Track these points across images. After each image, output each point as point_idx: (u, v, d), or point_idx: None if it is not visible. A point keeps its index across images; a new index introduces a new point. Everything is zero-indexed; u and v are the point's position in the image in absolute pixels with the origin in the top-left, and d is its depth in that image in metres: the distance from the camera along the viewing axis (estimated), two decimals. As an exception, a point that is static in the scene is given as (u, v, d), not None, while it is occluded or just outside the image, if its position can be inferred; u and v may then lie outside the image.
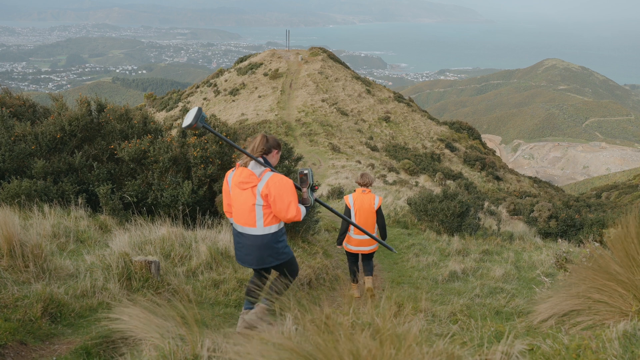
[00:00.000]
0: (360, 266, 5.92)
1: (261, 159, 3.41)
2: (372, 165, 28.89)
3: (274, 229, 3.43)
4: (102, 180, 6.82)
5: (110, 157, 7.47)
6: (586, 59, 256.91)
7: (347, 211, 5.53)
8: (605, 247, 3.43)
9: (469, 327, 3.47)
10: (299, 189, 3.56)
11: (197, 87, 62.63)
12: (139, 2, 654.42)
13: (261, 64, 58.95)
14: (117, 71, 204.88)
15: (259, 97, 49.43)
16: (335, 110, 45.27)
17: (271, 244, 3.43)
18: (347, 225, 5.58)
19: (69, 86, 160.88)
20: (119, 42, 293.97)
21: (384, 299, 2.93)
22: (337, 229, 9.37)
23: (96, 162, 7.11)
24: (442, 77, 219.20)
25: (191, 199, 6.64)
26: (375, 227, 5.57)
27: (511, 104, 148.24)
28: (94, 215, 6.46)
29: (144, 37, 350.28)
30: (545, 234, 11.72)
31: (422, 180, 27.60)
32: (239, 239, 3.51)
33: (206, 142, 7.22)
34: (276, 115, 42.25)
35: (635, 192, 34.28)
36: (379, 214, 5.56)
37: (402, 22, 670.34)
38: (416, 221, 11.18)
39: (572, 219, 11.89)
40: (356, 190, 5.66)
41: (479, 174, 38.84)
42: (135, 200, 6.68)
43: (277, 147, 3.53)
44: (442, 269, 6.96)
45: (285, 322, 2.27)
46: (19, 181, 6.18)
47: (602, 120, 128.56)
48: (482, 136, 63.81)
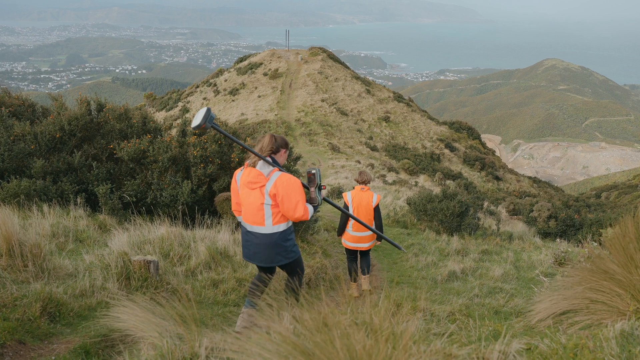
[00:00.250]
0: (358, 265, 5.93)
1: (269, 159, 3.46)
2: (371, 165, 28.88)
3: (282, 227, 3.49)
4: (102, 180, 6.82)
5: (109, 157, 7.47)
6: (586, 59, 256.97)
7: (345, 208, 5.55)
8: (603, 247, 3.44)
9: (467, 327, 3.48)
10: (306, 188, 3.61)
11: (197, 87, 62.59)
12: (139, 2, 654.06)
13: (261, 63, 58.91)
14: (117, 71, 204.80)
15: (259, 97, 49.41)
16: (334, 110, 45.25)
17: (280, 242, 3.49)
18: (346, 218, 5.59)
19: (68, 86, 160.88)
20: (118, 42, 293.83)
21: (382, 299, 2.94)
22: (336, 229, 9.38)
23: (95, 162, 7.11)
24: (441, 77, 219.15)
25: (190, 198, 6.65)
26: (373, 225, 5.57)
27: (511, 104, 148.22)
28: (93, 214, 6.46)
29: (143, 37, 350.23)
30: (544, 234, 11.74)
31: (422, 180, 27.59)
32: (247, 237, 3.57)
33: (206, 142, 7.21)
34: (276, 115, 42.23)
35: (634, 192, 34.28)
36: (376, 211, 5.58)
37: (402, 22, 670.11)
38: (415, 221, 11.18)
39: (571, 219, 11.91)
40: (355, 187, 5.67)
41: (478, 173, 38.83)
42: (134, 200, 6.68)
43: (285, 146, 3.58)
44: (441, 268, 6.96)
45: (283, 321, 2.28)
46: (18, 181, 6.19)
47: (601, 120, 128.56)
48: (482, 136, 63.80)
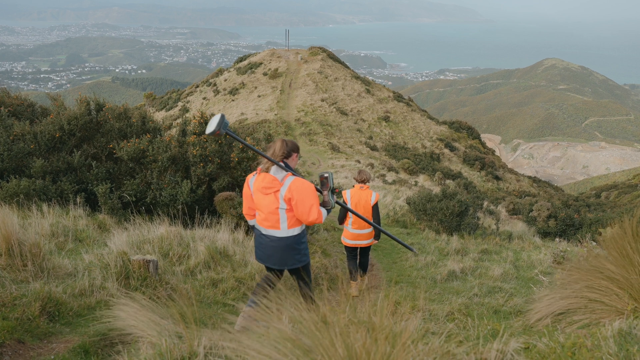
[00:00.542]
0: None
1: (282, 164, 3.53)
2: (371, 164, 28.87)
3: (296, 231, 3.58)
4: (101, 179, 6.82)
5: (109, 157, 7.47)
6: (586, 59, 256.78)
7: None
8: (601, 247, 3.44)
9: (466, 326, 3.49)
10: (319, 192, 3.68)
11: (197, 86, 62.53)
12: (139, 2, 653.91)
13: (261, 63, 58.87)
14: (117, 71, 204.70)
15: (259, 96, 49.38)
16: (334, 109, 45.22)
17: (294, 246, 3.58)
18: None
19: (68, 86, 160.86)
20: (118, 41, 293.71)
21: (382, 298, 2.94)
22: (336, 229, 9.40)
23: (95, 162, 7.11)
24: (441, 77, 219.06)
25: (190, 198, 6.65)
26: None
27: (511, 104, 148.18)
28: (92, 214, 6.47)
29: (143, 36, 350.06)
30: (544, 234, 11.74)
31: (422, 179, 27.60)
32: (261, 240, 3.65)
33: (205, 141, 7.21)
34: (276, 114, 42.21)
35: (634, 192, 34.28)
36: (374, 210, 5.58)
37: (402, 22, 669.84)
38: (415, 220, 11.18)
39: (571, 218, 11.92)
40: (354, 186, 5.68)
41: (478, 173, 38.82)
42: (134, 199, 6.69)
43: (296, 150, 3.67)
44: (441, 268, 6.95)
45: (282, 320, 2.28)
46: (18, 180, 6.19)
47: (601, 119, 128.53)
48: (482, 136, 63.75)
